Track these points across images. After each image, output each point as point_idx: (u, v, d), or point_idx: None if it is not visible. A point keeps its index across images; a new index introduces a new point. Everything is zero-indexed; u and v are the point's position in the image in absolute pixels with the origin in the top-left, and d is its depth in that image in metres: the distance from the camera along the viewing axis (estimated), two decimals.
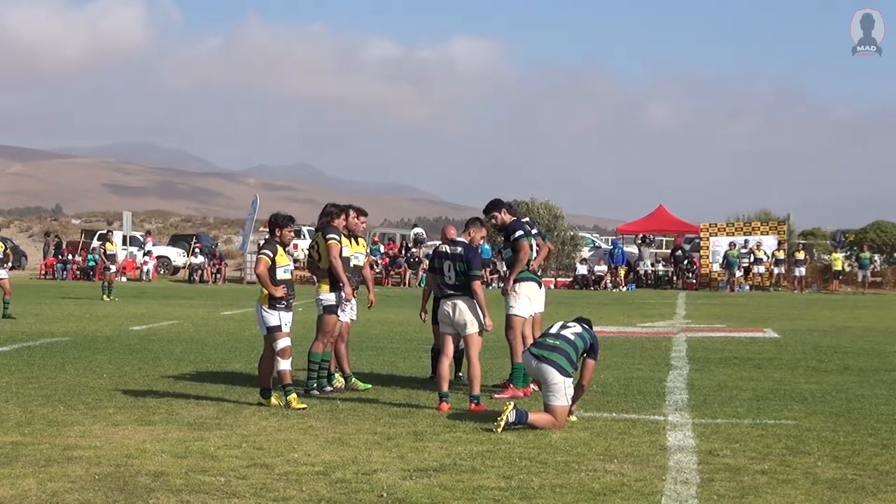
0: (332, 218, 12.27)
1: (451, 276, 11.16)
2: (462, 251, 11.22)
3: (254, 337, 18.75)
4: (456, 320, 11.09)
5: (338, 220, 12.29)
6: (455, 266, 11.16)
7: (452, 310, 11.11)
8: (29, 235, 75.74)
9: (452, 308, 11.11)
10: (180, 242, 57.32)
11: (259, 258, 11.09)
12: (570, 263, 48.97)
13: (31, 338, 18.25)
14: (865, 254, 46.37)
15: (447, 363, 11.15)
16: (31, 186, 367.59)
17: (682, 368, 14.75)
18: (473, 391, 10.95)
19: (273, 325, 11.03)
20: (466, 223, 11.76)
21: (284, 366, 11.02)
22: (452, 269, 11.17)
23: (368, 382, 12.56)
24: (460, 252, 11.21)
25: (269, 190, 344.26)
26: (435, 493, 7.27)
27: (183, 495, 7.15)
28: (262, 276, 11.00)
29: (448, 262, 11.21)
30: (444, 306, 11.21)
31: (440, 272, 11.27)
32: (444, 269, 11.21)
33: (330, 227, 12.15)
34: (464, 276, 11.12)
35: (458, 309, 11.09)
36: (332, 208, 12.41)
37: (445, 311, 11.18)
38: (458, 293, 11.12)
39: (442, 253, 11.32)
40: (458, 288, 11.13)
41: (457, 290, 11.13)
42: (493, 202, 12.60)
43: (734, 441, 9.25)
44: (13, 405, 10.82)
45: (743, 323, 24.57)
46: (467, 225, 11.69)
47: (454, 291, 11.14)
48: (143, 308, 27.75)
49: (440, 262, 11.28)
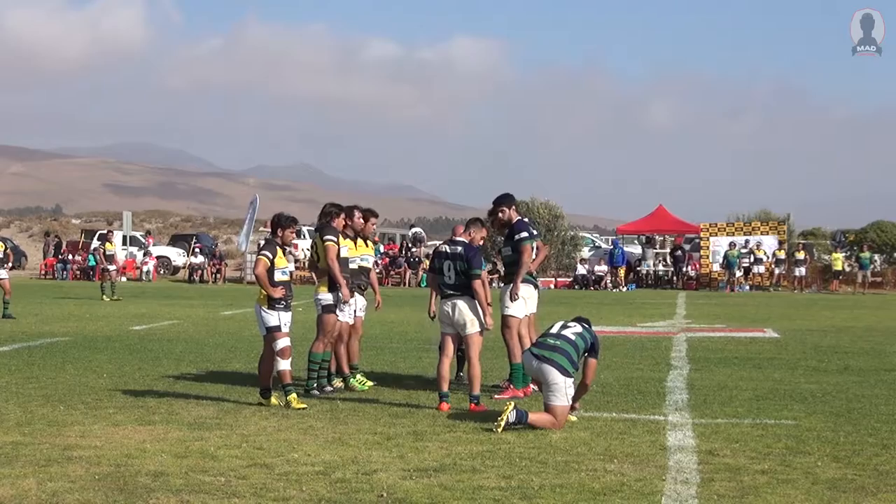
0: (331, 218, 12.24)
1: (451, 275, 11.17)
2: (462, 251, 11.22)
3: (254, 337, 18.75)
4: (456, 320, 11.09)
5: (337, 220, 12.27)
6: (455, 266, 11.16)
7: (452, 310, 11.12)
8: (29, 235, 75.69)
9: (452, 308, 11.12)
10: (180, 242, 57.31)
11: (258, 259, 11.09)
12: (570, 263, 48.97)
13: (31, 338, 18.26)
14: (866, 254, 46.35)
15: (447, 363, 11.15)
16: (31, 186, 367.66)
17: (683, 368, 14.75)
18: (473, 391, 10.95)
19: (272, 326, 11.03)
20: (467, 223, 11.76)
21: (284, 366, 11.02)
22: (452, 268, 11.17)
23: (370, 382, 12.57)
24: (460, 251, 11.22)
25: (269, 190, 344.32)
26: (435, 493, 7.27)
27: (183, 495, 7.15)
28: (260, 276, 11.00)
29: (448, 262, 11.21)
30: (444, 306, 11.22)
31: (440, 272, 11.27)
32: (444, 269, 11.22)
33: (328, 228, 12.12)
34: (464, 275, 11.13)
35: (457, 309, 11.09)
36: (332, 208, 12.36)
37: (445, 311, 11.18)
38: (458, 293, 11.13)
39: (442, 253, 11.33)
40: (458, 288, 11.13)
41: (457, 289, 11.14)
42: (505, 196, 12.57)
43: (734, 441, 9.25)
44: (13, 405, 10.82)
45: (743, 323, 24.56)
46: (468, 225, 11.70)
47: (454, 291, 11.14)
48: (143, 308, 27.75)
49: (440, 262, 11.29)
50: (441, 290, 11.28)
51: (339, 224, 12.24)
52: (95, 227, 68.01)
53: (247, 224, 52.13)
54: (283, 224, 11.30)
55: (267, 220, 67.63)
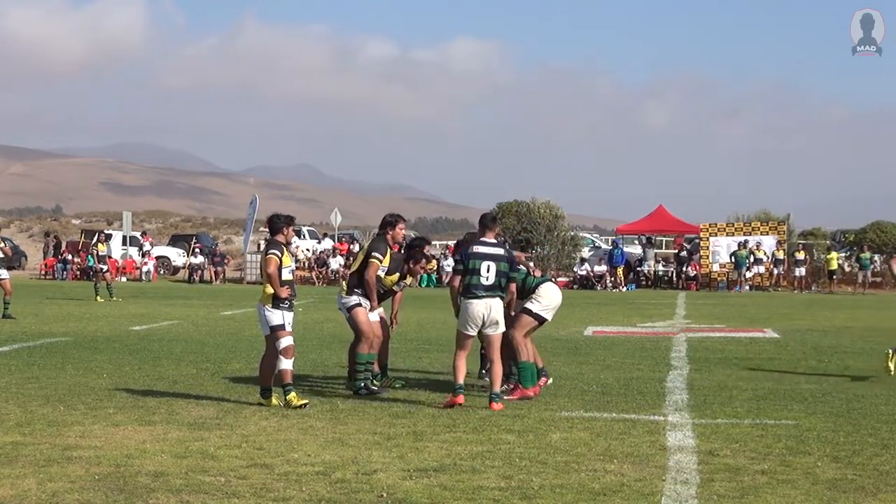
0: (389, 229, 12.35)
1: (489, 276, 11.12)
2: (504, 252, 11.27)
3: (254, 337, 18.75)
4: (491, 318, 11.11)
5: (392, 231, 12.36)
6: (499, 266, 11.13)
7: (488, 309, 11.09)
8: (29, 235, 75.64)
9: (488, 308, 11.09)
10: (180, 242, 57.27)
11: (269, 258, 11.09)
12: (570, 263, 48.95)
13: (31, 338, 18.25)
14: (866, 254, 46.32)
15: (464, 356, 11.14)
16: (31, 186, 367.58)
17: (682, 368, 14.76)
18: (494, 389, 11.01)
19: (277, 324, 11.04)
20: (490, 222, 11.56)
21: (286, 365, 11.02)
22: (493, 269, 11.12)
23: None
24: (503, 254, 11.24)
25: (269, 190, 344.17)
26: (435, 493, 7.27)
27: (183, 495, 7.15)
28: (273, 276, 11.01)
29: (488, 263, 11.14)
30: (477, 306, 11.11)
31: (475, 272, 11.15)
32: (483, 270, 11.14)
33: (377, 243, 12.22)
34: (504, 277, 11.15)
35: (493, 308, 11.12)
36: (391, 218, 12.52)
37: (479, 311, 11.10)
38: (493, 293, 11.13)
39: (480, 254, 11.20)
40: (494, 288, 11.14)
41: (493, 290, 11.13)
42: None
43: (734, 441, 9.25)
44: (13, 405, 10.83)
45: (743, 323, 24.57)
46: (493, 224, 11.53)
47: (490, 292, 11.11)
48: (143, 308, 27.75)
49: (477, 262, 11.16)
50: (469, 291, 11.17)
51: (398, 234, 12.37)
52: (95, 227, 67.98)
53: (248, 225, 52.21)
54: (284, 222, 11.33)
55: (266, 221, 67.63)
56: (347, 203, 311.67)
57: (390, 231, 12.39)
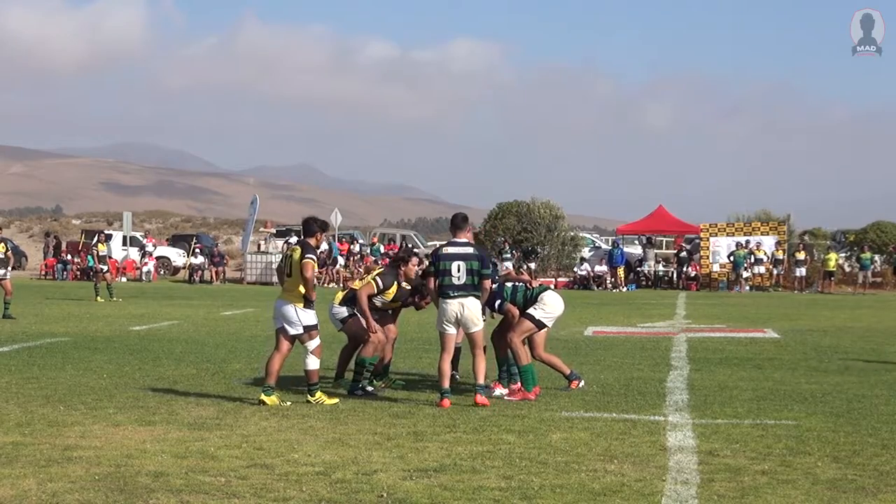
0: (402, 264, 12.53)
1: (460, 276, 11.17)
2: (475, 251, 11.30)
3: (254, 337, 18.78)
4: (466, 317, 11.17)
5: (405, 267, 12.49)
6: (469, 266, 11.18)
7: (461, 309, 11.16)
8: (29, 236, 75.65)
9: (461, 307, 11.16)
10: (180, 243, 57.27)
11: (307, 262, 11.20)
12: (571, 264, 48.95)
13: (31, 338, 18.26)
14: (866, 254, 46.32)
15: (448, 359, 11.22)
16: (31, 186, 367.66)
17: (683, 368, 14.76)
18: (479, 381, 11.05)
19: (313, 324, 11.27)
20: (461, 222, 11.58)
21: (315, 364, 11.21)
22: (464, 268, 11.17)
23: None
24: (473, 252, 11.28)
25: (269, 190, 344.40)
26: (435, 493, 7.27)
27: (183, 495, 7.15)
28: (310, 280, 11.19)
29: (458, 263, 11.20)
30: (450, 306, 11.21)
31: (446, 273, 11.22)
32: (453, 270, 11.19)
33: (387, 276, 12.37)
34: (475, 275, 11.16)
35: (466, 307, 11.18)
36: (403, 254, 12.87)
37: (452, 311, 11.19)
38: (466, 293, 11.17)
39: (449, 254, 11.28)
40: (467, 287, 11.18)
41: (465, 289, 11.18)
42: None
43: (734, 441, 9.25)
44: (13, 405, 10.83)
45: (743, 323, 24.57)
46: (464, 225, 11.56)
47: (462, 292, 11.16)
48: (143, 308, 27.75)
49: (447, 263, 11.24)
50: (443, 291, 11.26)
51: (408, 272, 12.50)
52: (95, 227, 67.99)
53: (248, 226, 52.21)
54: (321, 228, 11.63)
55: (266, 220, 67.77)
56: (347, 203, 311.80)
57: (403, 267, 12.47)
